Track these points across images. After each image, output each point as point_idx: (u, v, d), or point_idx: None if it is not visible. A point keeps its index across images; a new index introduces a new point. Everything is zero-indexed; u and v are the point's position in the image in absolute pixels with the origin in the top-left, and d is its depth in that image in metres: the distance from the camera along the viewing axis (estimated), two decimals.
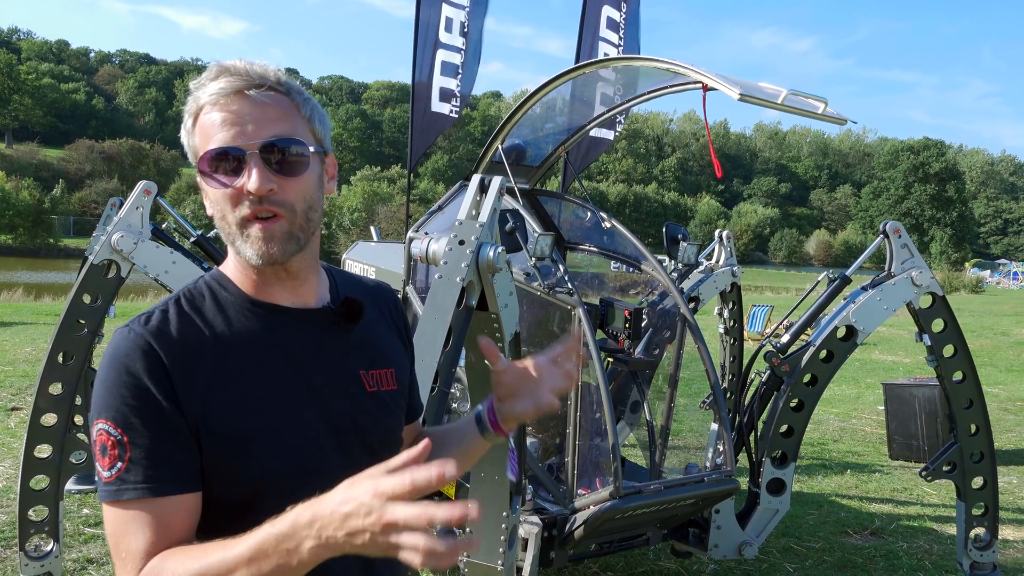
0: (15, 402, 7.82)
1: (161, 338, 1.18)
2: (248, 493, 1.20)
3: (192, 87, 1.24)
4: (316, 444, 1.25)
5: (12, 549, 4.40)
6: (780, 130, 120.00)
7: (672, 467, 4.25)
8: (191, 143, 1.25)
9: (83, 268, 3.97)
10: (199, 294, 1.28)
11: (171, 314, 1.23)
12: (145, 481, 1.13)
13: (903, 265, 4.08)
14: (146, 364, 1.15)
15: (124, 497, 1.12)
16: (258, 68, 1.23)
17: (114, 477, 1.13)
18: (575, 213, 5.23)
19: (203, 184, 1.24)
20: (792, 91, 3.23)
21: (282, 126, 1.22)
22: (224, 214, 1.22)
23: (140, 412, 1.14)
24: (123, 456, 1.12)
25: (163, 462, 1.14)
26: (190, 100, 1.24)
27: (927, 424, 7.31)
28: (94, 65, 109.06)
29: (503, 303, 2.91)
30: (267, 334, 1.26)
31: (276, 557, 1.00)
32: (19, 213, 49.60)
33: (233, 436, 1.18)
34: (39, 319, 14.70)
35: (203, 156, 1.20)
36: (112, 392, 1.15)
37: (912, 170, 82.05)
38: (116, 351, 1.17)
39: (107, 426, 1.14)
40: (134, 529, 1.12)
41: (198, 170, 1.23)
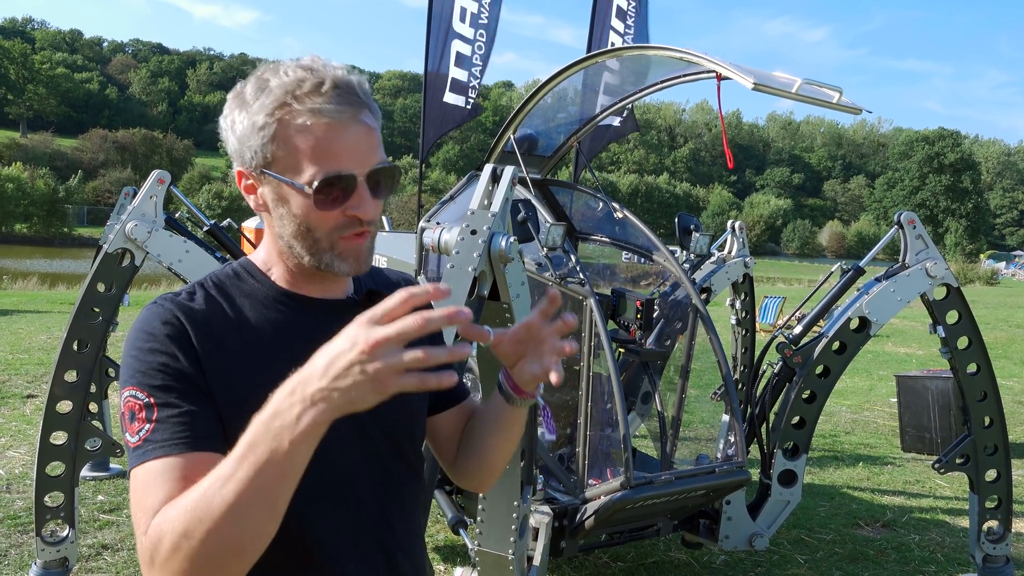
0: (31, 389, 7.90)
1: (187, 312, 1.20)
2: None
3: (284, 89, 1.16)
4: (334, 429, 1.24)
5: (29, 534, 4.45)
6: (793, 120, 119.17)
7: (683, 458, 4.25)
8: (263, 141, 1.18)
9: (97, 257, 4.00)
10: (227, 279, 1.29)
11: (198, 295, 1.25)
12: (171, 438, 1.11)
13: (917, 256, 4.05)
14: (171, 331, 1.17)
15: (150, 457, 1.10)
16: (363, 86, 1.21)
17: (142, 440, 1.11)
18: (587, 203, 5.22)
19: (286, 192, 1.19)
20: (806, 80, 3.21)
21: (380, 152, 1.22)
22: (311, 229, 1.20)
23: (166, 375, 1.14)
24: (151, 418, 1.12)
25: (189, 422, 1.13)
26: (276, 102, 1.16)
27: (940, 416, 7.27)
28: (107, 55, 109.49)
29: (515, 293, 2.91)
30: (291, 321, 1.27)
31: (266, 442, 0.96)
32: (34, 202, 50.00)
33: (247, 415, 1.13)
34: (54, 307, 14.82)
35: (320, 178, 1.15)
36: (139, 359, 1.16)
37: (927, 161, 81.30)
38: (143, 321, 1.20)
39: (135, 391, 1.14)
40: (156, 486, 1.08)
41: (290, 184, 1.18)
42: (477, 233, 2.81)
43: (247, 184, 1.26)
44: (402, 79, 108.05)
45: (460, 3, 5.83)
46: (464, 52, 5.87)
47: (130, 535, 4.64)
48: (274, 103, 1.16)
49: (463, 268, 2.78)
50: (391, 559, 1.32)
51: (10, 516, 4.80)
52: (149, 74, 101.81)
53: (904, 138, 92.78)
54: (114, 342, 4.67)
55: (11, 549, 4.39)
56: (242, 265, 1.32)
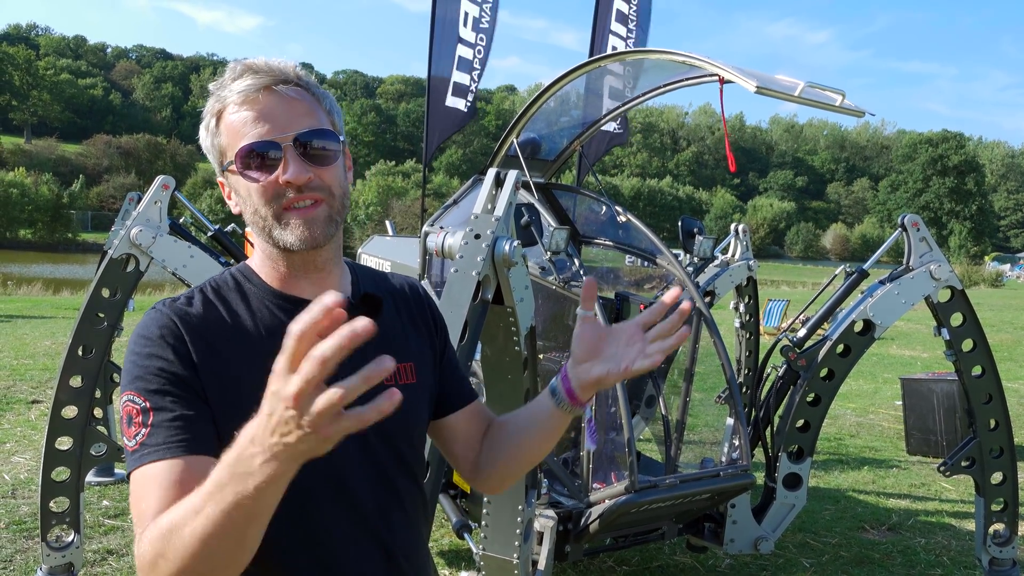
0: (36, 395, 7.91)
1: (184, 317, 1.24)
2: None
3: (213, 87, 1.27)
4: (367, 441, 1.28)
5: (34, 540, 4.46)
6: (796, 123, 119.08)
7: (688, 462, 4.24)
8: (215, 142, 1.28)
9: (102, 262, 4.02)
10: (224, 284, 1.33)
11: (196, 300, 1.28)
12: (165, 442, 1.14)
13: (921, 259, 4.04)
14: (168, 336, 1.21)
15: (145, 461, 1.13)
16: (279, 64, 1.26)
17: (138, 444, 1.14)
18: (590, 207, 5.22)
19: (235, 181, 1.28)
20: (809, 83, 3.21)
21: (309, 120, 1.26)
22: (257, 208, 1.25)
23: (162, 379, 1.18)
24: (146, 422, 1.15)
25: (184, 426, 1.15)
26: (212, 100, 1.27)
27: (945, 419, 7.25)
28: (111, 60, 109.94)
29: (519, 297, 2.92)
30: (285, 323, 1.25)
31: (232, 484, 0.95)
32: (38, 208, 50.13)
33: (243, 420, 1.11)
34: (58, 313, 14.86)
35: (238, 152, 1.23)
36: (137, 364, 1.19)
37: (931, 163, 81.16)
38: (141, 327, 1.23)
39: (133, 396, 1.17)
40: (151, 491, 1.11)
41: (227, 167, 1.27)
42: (481, 237, 2.81)
43: (226, 192, 1.33)
44: (404, 83, 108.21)
45: (464, 8, 5.85)
46: (466, 56, 5.89)
47: (134, 540, 4.64)
48: (211, 102, 1.27)
49: (467, 272, 2.78)
50: (391, 559, 1.33)
51: (15, 521, 4.81)
52: (153, 80, 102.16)
53: (908, 140, 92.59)
54: (119, 347, 4.68)
55: (16, 554, 4.40)
56: (239, 269, 1.36)
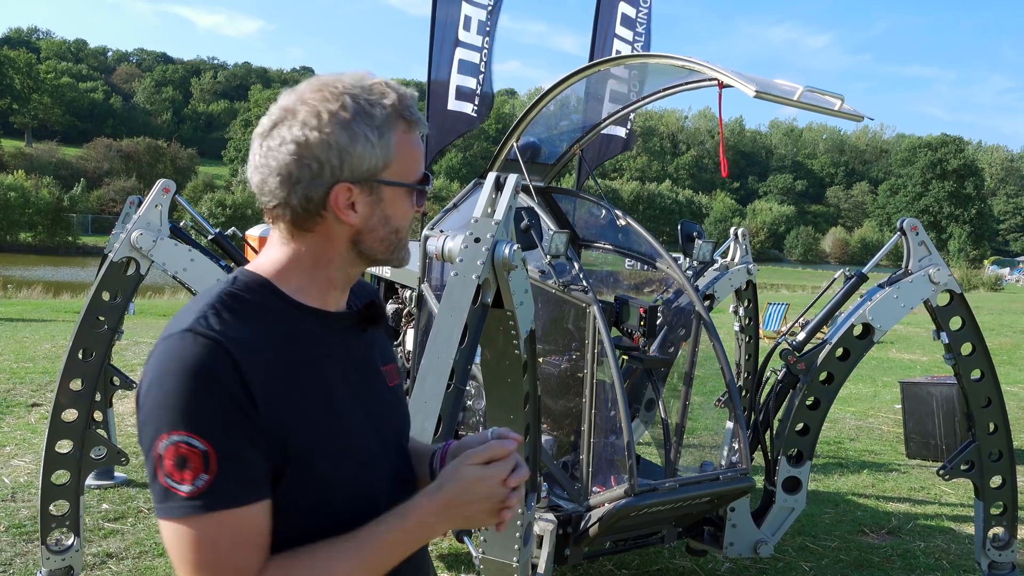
0: (36, 398, 7.91)
1: (229, 340, 1.15)
2: (316, 498, 1.21)
3: (395, 96, 1.26)
4: (367, 444, 1.29)
5: (34, 543, 4.46)
6: (796, 127, 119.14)
7: (687, 465, 4.25)
8: (382, 146, 1.25)
9: (103, 266, 4.03)
10: (243, 296, 1.23)
11: (226, 316, 1.19)
12: (237, 490, 1.10)
13: (920, 262, 4.05)
14: (224, 368, 1.12)
15: (215, 509, 1.09)
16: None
17: (201, 490, 1.08)
18: (590, 211, 5.23)
19: (389, 195, 1.28)
20: (808, 88, 3.22)
21: None
22: (399, 228, 1.31)
23: (225, 420, 1.11)
24: (208, 467, 1.09)
25: (251, 469, 1.12)
26: (387, 107, 1.25)
27: (945, 423, 7.25)
28: (112, 64, 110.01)
29: (518, 301, 2.92)
30: (316, 338, 1.27)
31: (406, 545, 1.21)
32: (39, 211, 50.10)
33: (299, 442, 1.17)
34: (58, 316, 14.87)
35: (419, 178, 1.31)
36: (190, 401, 1.10)
37: (930, 167, 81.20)
38: (186, 357, 1.12)
39: (188, 438, 1.08)
40: (230, 541, 1.09)
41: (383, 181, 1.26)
42: (481, 241, 2.82)
43: (345, 198, 1.24)
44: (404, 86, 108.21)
45: (465, 11, 5.83)
46: (469, 59, 5.86)
47: (135, 544, 4.64)
48: (382, 114, 1.24)
49: (467, 276, 2.79)
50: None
51: (15, 525, 4.81)
52: (153, 83, 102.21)
53: (907, 144, 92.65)
54: (119, 351, 4.68)
55: (16, 558, 4.40)
56: (252, 279, 1.27)
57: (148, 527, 4.91)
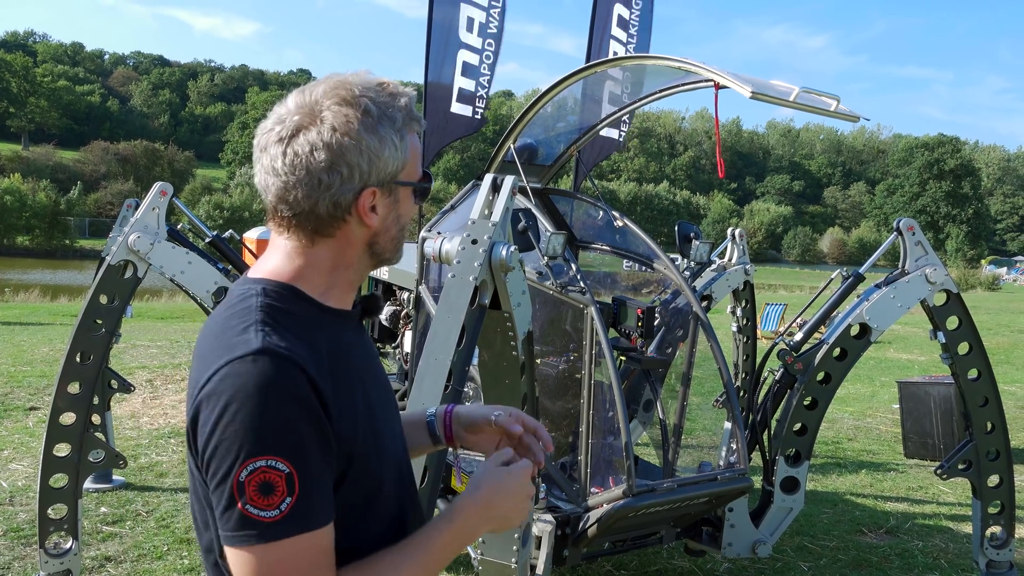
0: (33, 402, 7.90)
1: (300, 357, 1.13)
2: (367, 495, 1.25)
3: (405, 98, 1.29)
4: (390, 437, 1.35)
5: (32, 547, 4.45)
6: (793, 127, 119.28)
7: (685, 465, 4.25)
8: (399, 157, 1.27)
9: (100, 269, 4.02)
10: (279, 307, 1.21)
11: (281, 331, 1.16)
12: (317, 512, 1.11)
13: (917, 262, 4.06)
14: (306, 387, 1.11)
15: (298, 532, 1.09)
16: None
17: (284, 514, 1.08)
18: (587, 212, 5.23)
19: (404, 196, 1.32)
20: (804, 89, 3.23)
21: None
22: (404, 226, 1.35)
23: (309, 441, 1.11)
24: (292, 491, 1.08)
25: (326, 489, 1.14)
26: (403, 115, 1.27)
27: (942, 422, 7.26)
28: (109, 67, 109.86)
29: (516, 302, 2.93)
30: (344, 339, 1.28)
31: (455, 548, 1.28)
32: (36, 214, 50.02)
33: (355, 445, 1.20)
34: (56, 320, 14.84)
35: (423, 178, 1.34)
36: (279, 424, 1.08)
37: (927, 167, 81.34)
38: (266, 379, 1.09)
39: (272, 462, 1.07)
40: (309, 562, 1.11)
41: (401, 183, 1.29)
42: (478, 243, 2.82)
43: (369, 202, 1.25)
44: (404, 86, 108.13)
45: (466, 13, 5.79)
46: (472, 62, 5.83)
47: (133, 547, 4.64)
48: (402, 117, 1.27)
49: (464, 278, 2.79)
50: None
51: (13, 528, 4.81)
52: (150, 86, 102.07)
53: (904, 144, 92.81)
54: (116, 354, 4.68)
55: (14, 561, 4.39)
56: (279, 287, 1.24)
57: (146, 530, 4.91)
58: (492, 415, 1.48)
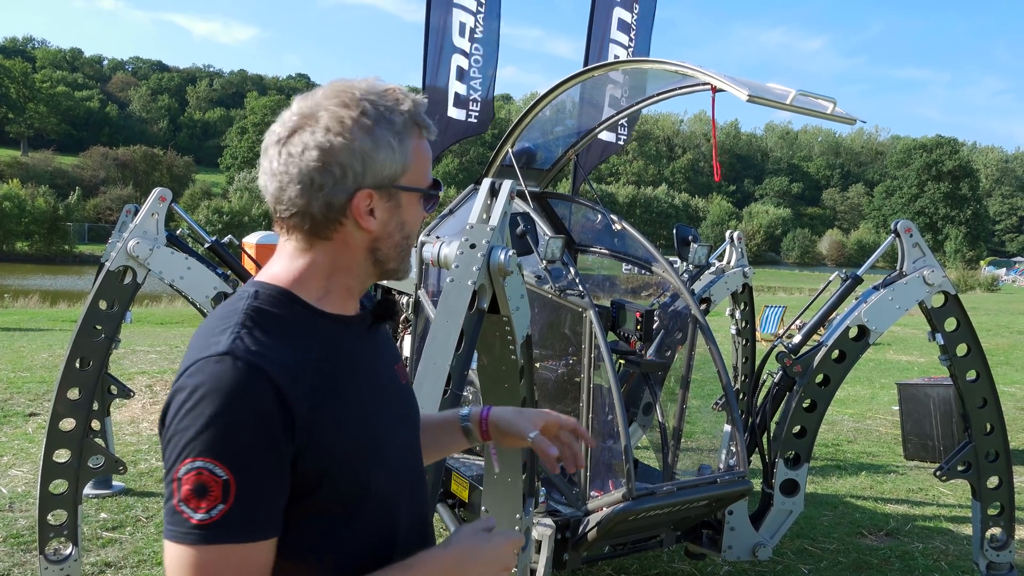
0: (33, 408, 7.90)
1: (269, 363, 1.13)
2: (351, 502, 1.22)
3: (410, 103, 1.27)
4: (397, 446, 1.32)
5: (32, 553, 4.45)
6: (791, 130, 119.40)
7: (685, 469, 4.25)
8: (401, 153, 1.25)
9: (99, 274, 4.03)
10: (269, 311, 1.21)
11: (259, 335, 1.16)
12: (250, 525, 1.10)
13: (915, 264, 4.06)
14: (264, 395, 1.10)
15: (224, 541, 1.08)
16: None
17: (214, 519, 1.07)
18: (585, 215, 5.24)
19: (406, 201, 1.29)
20: (801, 91, 3.24)
21: None
22: (410, 234, 1.31)
23: (254, 451, 1.09)
24: (226, 498, 1.07)
25: (267, 506, 1.12)
26: (404, 113, 1.26)
27: (942, 424, 7.26)
28: (107, 72, 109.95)
29: (514, 306, 2.93)
30: (342, 346, 1.27)
31: None
32: (35, 220, 50.03)
33: (337, 454, 1.18)
34: (55, 325, 14.84)
35: (432, 183, 1.32)
36: (221, 429, 1.08)
37: (925, 168, 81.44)
38: (224, 382, 1.10)
39: (211, 464, 1.07)
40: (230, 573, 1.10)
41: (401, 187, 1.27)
42: (476, 247, 2.82)
43: (365, 205, 1.24)
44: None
45: (459, 17, 5.83)
46: (464, 66, 5.88)
47: (133, 552, 4.64)
48: (404, 116, 1.26)
49: (462, 282, 2.80)
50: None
51: (13, 535, 4.80)
52: (149, 91, 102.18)
53: (902, 146, 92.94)
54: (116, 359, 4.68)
55: (14, 568, 4.39)
56: (274, 291, 1.24)
57: (146, 536, 4.91)
58: (530, 435, 1.54)
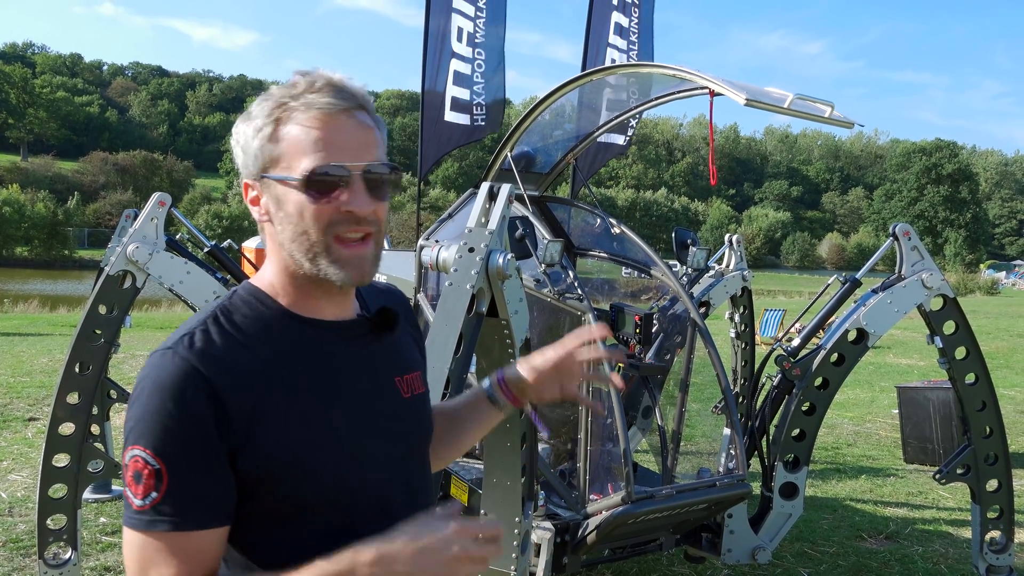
0: (32, 412, 7.90)
1: (209, 362, 1.14)
2: (296, 509, 1.19)
3: (280, 92, 1.21)
4: (361, 457, 1.24)
5: (31, 557, 4.45)
6: (790, 133, 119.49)
7: (684, 472, 4.25)
8: (265, 147, 1.20)
9: (99, 279, 4.03)
10: (237, 310, 1.23)
11: (213, 334, 1.18)
12: (180, 514, 1.10)
13: (913, 267, 4.07)
14: (196, 393, 1.11)
15: (157, 528, 1.10)
16: (360, 89, 1.22)
17: (148, 507, 1.10)
18: (584, 219, 5.24)
19: (282, 193, 1.19)
20: (799, 95, 3.24)
21: (378, 152, 1.23)
22: (308, 230, 1.19)
23: (184, 445, 1.11)
24: (158, 487, 1.10)
25: (200, 496, 1.12)
26: (272, 103, 1.20)
27: (942, 427, 7.26)
28: (107, 78, 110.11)
29: (513, 309, 2.93)
30: (311, 350, 1.24)
31: None
32: (35, 225, 50.08)
33: (284, 457, 1.16)
34: (55, 330, 14.84)
35: (309, 170, 1.16)
36: (155, 420, 1.11)
37: (925, 172, 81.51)
38: (162, 377, 1.13)
39: (145, 454, 1.10)
40: (164, 560, 1.10)
41: (272, 177, 1.20)
42: (475, 251, 2.83)
43: (252, 196, 1.25)
44: (400, 98, 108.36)
45: (457, 23, 5.85)
46: (463, 71, 5.88)
47: None
48: (272, 105, 1.20)
49: (461, 286, 2.80)
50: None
51: (12, 539, 4.80)
52: (149, 96, 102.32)
53: (902, 149, 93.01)
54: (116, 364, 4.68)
55: (13, 572, 4.39)
56: (248, 292, 1.26)
57: None
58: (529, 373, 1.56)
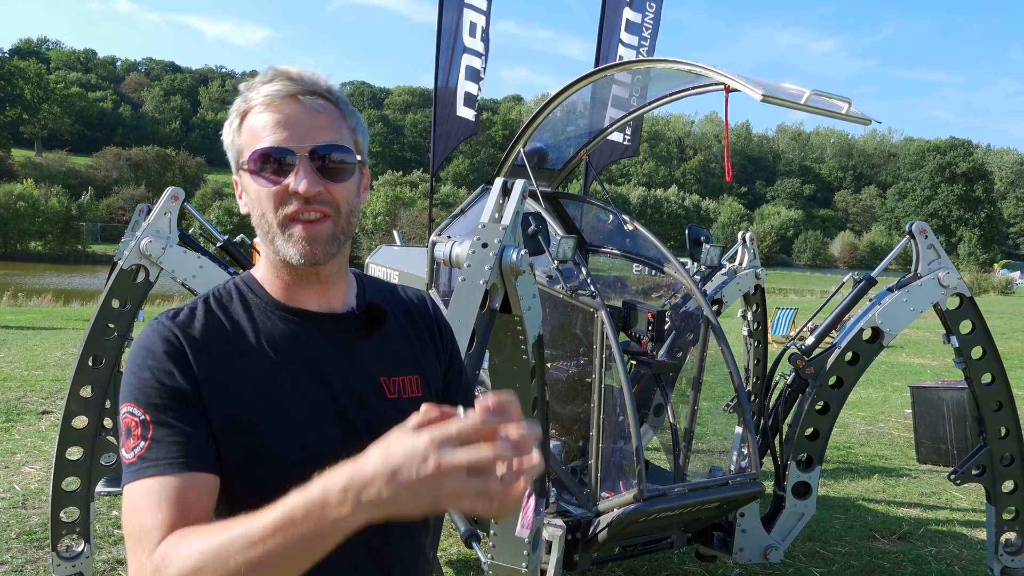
0: (46, 405, 7.95)
1: (185, 330, 1.24)
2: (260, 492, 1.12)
3: (243, 88, 1.29)
4: (329, 446, 1.21)
5: (44, 550, 4.47)
6: (803, 131, 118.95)
7: (696, 470, 4.23)
8: (235, 141, 1.29)
9: (112, 273, 4.04)
10: (227, 294, 1.33)
11: (199, 311, 1.28)
12: (165, 457, 1.14)
13: (930, 266, 4.03)
14: (168, 349, 1.21)
15: (144, 475, 1.13)
16: (310, 75, 1.28)
17: (136, 457, 1.15)
18: (597, 216, 5.23)
19: (246, 181, 1.28)
20: (815, 91, 3.22)
21: (330, 134, 1.26)
22: (264, 212, 1.25)
23: (162, 393, 1.18)
24: (145, 435, 1.16)
25: (184, 441, 1.16)
26: (239, 100, 1.29)
27: (956, 427, 7.21)
28: (121, 73, 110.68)
29: (526, 305, 2.93)
30: (289, 336, 1.29)
31: (306, 525, 0.96)
32: (48, 220, 50.41)
33: (242, 432, 1.20)
34: (68, 324, 14.93)
35: (252, 154, 1.24)
36: (137, 376, 1.20)
37: (939, 170, 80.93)
38: (142, 340, 1.24)
39: (132, 408, 1.18)
40: (151, 505, 1.11)
41: (241, 167, 1.28)
42: (488, 246, 2.82)
43: (238, 191, 1.33)
44: (411, 94, 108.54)
45: (469, 17, 5.84)
46: (475, 66, 5.88)
47: None
48: (238, 102, 1.29)
49: (474, 281, 2.80)
50: (385, 571, 1.30)
51: (26, 532, 4.83)
52: (162, 92, 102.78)
53: (915, 148, 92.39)
54: None
55: (27, 564, 4.41)
56: (243, 279, 1.35)
57: None
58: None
